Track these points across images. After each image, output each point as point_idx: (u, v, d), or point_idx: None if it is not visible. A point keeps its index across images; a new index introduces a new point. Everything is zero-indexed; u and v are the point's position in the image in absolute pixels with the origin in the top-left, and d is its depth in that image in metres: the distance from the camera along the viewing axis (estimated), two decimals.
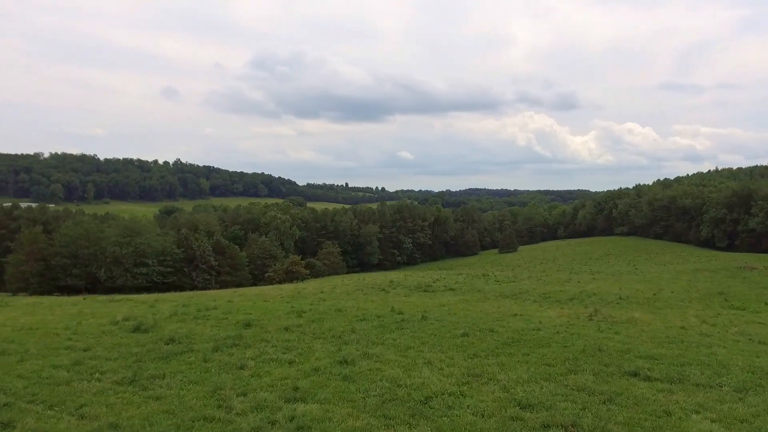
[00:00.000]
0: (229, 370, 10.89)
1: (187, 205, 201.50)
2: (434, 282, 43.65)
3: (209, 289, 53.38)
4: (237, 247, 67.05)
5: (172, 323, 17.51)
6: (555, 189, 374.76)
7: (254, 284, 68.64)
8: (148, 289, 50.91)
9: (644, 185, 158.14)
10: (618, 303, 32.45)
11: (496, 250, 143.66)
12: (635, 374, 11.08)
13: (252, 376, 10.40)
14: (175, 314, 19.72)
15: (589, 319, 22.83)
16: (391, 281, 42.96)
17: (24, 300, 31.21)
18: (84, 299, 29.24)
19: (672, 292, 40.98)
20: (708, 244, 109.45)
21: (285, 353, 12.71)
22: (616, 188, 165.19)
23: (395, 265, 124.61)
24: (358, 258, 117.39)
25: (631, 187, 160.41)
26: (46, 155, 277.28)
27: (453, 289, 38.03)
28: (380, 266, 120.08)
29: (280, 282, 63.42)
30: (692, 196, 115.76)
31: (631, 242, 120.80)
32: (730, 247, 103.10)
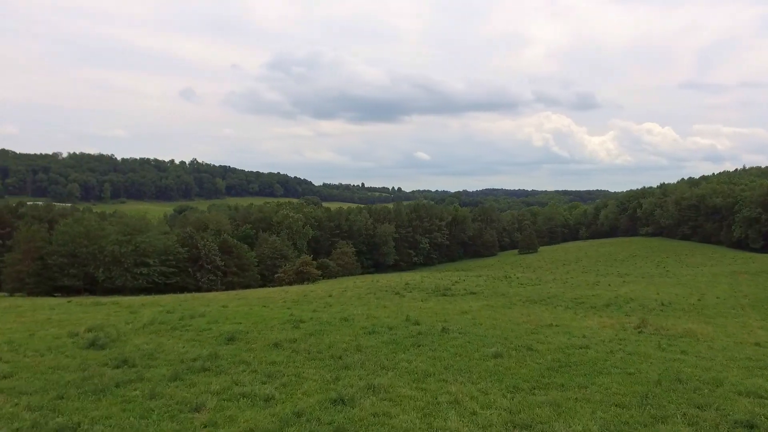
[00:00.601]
0: (178, 414, 7.85)
1: (202, 205, 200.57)
2: (453, 285, 40.42)
3: (214, 290, 50.76)
4: (246, 246, 64.36)
5: (141, 336, 14.62)
6: (573, 189, 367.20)
7: (263, 285, 65.96)
8: (148, 290, 48.46)
9: (669, 184, 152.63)
10: (661, 310, 28.94)
11: (515, 251, 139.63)
12: (751, 426, 7.80)
13: (205, 427, 7.35)
14: (153, 323, 16.85)
15: (639, 332, 19.51)
16: (406, 283, 39.78)
17: (5, 302, 28.70)
18: (69, 302, 26.62)
19: (717, 298, 37.26)
20: (741, 245, 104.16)
21: (265, 383, 9.68)
22: (638, 188, 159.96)
23: (411, 266, 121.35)
24: (373, 258, 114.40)
25: (653, 186, 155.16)
26: (65, 155, 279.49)
27: (474, 293, 34.77)
28: (396, 267, 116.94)
29: (290, 283, 60.61)
30: (723, 195, 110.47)
31: (657, 243, 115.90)
32: (766, 249, 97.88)
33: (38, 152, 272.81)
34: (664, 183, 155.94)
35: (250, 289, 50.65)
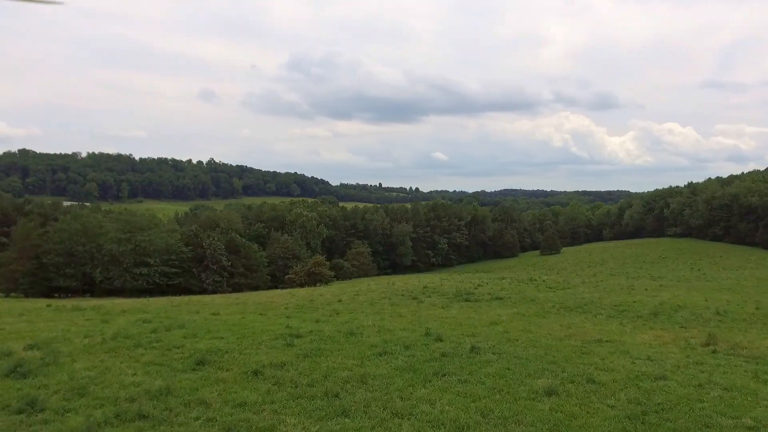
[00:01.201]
0: None
1: (218, 205, 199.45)
2: (476, 288, 37.02)
3: (219, 292, 48.08)
4: (255, 245, 61.48)
5: (90, 356, 11.56)
6: (594, 189, 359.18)
7: (274, 287, 63.11)
8: (150, 292, 45.87)
9: (698, 183, 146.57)
10: (720, 321, 25.15)
11: (536, 252, 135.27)
12: None
13: None
14: (116, 337, 13.84)
15: (712, 351, 15.95)
16: (425, 287, 36.45)
17: None
18: (48, 306, 23.85)
19: None
20: None
21: None
22: (664, 187, 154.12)
23: (429, 267, 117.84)
24: (389, 259, 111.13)
25: (680, 186, 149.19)
26: (84, 155, 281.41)
27: (501, 298, 31.28)
28: (413, 268, 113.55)
29: (301, 285, 57.65)
30: (759, 194, 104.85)
31: (686, 244, 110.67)
32: None
33: (58, 152, 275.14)
34: (691, 182, 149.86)
35: (257, 291, 47.82)
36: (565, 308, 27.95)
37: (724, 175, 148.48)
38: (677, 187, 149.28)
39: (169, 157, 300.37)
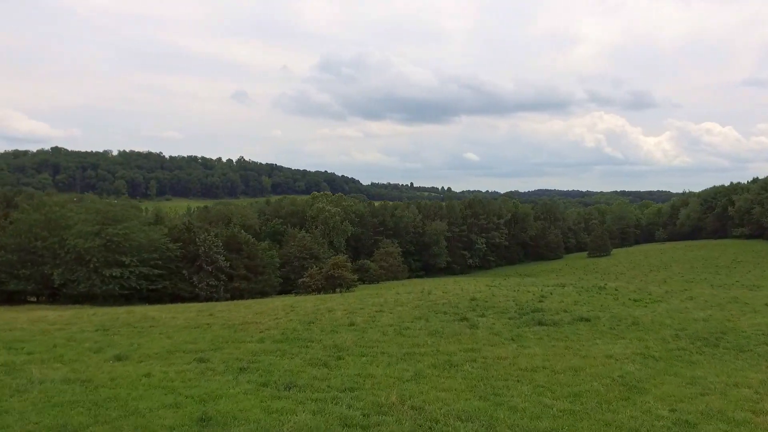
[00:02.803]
0: None
1: (245, 202, 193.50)
2: (541, 301, 27.44)
3: (214, 299, 39.84)
4: (266, 243, 53.03)
5: None
6: (633, 190, 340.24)
7: (287, 291, 54.43)
8: (127, 298, 37.87)
9: None
10: None
11: (582, 254, 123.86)
12: None
13: None
14: None
15: None
16: (472, 298, 27.01)
17: None
18: None
19: None
20: None
21: None
22: (726, 184, 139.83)
23: (465, 269, 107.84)
24: (422, 260, 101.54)
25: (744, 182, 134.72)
26: (115, 153, 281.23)
27: (587, 320, 21.60)
28: (448, 270, 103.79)
29: (318, 290, 48.86)
30: None
31: (762, 246, 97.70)
32: None
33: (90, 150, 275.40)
34: (757, 178, 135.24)
35: (259, 299, 39.33)
36: (696, 339, 18.11)
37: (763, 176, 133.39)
38: (738, 183, 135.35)
39: (199, 155, 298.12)
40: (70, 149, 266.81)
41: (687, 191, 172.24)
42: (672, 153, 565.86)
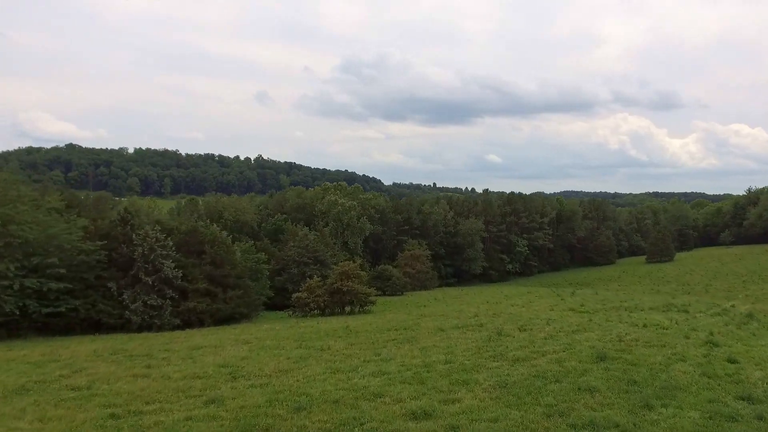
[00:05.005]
0: None
1: (248, 198, 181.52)
2: (733, 362, 12.47)
3: (153, 328, 25.45)
4: (250, 245, 38.89)
5: None
6: (664, 191, 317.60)
7: (279, 307, 40.11)
8: (7, 327, 23.42)
9: None
10: None
11: (638, 258, 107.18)
12: None
13: None
14: None
15: None
16: (600, 356, 12.07)
17: None
18: None
19: None
20: None
21: None
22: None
23: (504, 276, 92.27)
24: (453, 265, 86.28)
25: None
26: (131, 151, 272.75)
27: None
28: (484, 277, 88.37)
29: (321, 309, 34.35)
30: None
31: None
32: None
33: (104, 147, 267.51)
34: None
35: (231, 325, 24.83)
36: None
37: None
38: None
39: (216, 153, 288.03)
40: (84, 146, 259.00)
41: (724, 194, 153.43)
42: (699, 155, 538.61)
